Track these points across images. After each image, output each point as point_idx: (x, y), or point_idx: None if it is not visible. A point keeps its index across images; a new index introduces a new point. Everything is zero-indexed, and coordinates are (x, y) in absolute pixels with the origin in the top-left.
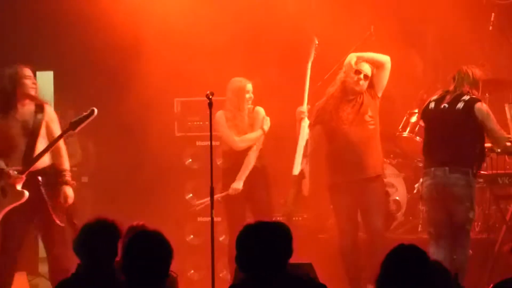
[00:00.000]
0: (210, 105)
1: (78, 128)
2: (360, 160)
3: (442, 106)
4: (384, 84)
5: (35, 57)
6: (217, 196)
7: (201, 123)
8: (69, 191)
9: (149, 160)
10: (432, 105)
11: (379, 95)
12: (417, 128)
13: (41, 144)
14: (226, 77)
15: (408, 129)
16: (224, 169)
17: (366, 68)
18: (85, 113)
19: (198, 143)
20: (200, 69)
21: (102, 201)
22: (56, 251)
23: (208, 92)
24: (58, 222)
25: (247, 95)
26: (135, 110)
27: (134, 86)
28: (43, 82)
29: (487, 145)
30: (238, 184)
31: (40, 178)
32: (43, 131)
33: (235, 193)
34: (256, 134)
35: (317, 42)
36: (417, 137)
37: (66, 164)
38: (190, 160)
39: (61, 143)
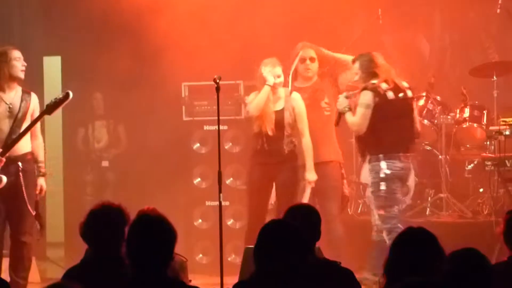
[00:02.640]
0: (218, 89)
1: (54, 112)
2: (314, 145)
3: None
4: (346, 82)
5: (43, 42)
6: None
7: (209, 107)
8: (43, 183)
9: (157, 145)
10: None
11: (341, 87)
12: (424, 112)
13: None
14: (234, 60)
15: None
16: (256, 150)
17: (308, 52)
18: (60, 97)
19: (206, 127)
20: (207, 53)
21: (108, 186)
22: (25, 239)
23: (215, 77)
24: (31, 210)
25: (278, 79)
26: (142, 95)
27: (142, 71)
28: (51, 68)
29: (494, 127)
30: (313, 175)
31: (20, 164)
32: (28, 117)
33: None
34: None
35: (301, 54)
36: (425, 120)
37: (42, 155)
38: (198, 144)
39: (39, 133)
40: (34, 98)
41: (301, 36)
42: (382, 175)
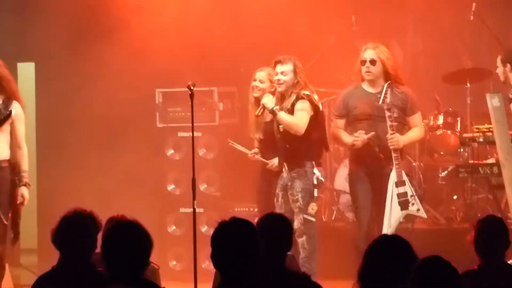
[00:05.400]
0: (192, 96)
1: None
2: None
3: None
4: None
5: (16, 48)
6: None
7: (183, 114)
8: (26, 192)
9: (130, 151)
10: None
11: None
12: None
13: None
14: (208, 67)
15: None
16: None
17: (369, 54)
18: (5, 114)
19: (180, 134)
20: (181, 60)
21: (83, 192)
22: None
23: (189, 83)
24: (3, 219)
25: (253, 83)
26: (116, 101)
27: (116, 77)
28: (25, 74)
29: (468, 135)
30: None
31: None
32: (7, 127)
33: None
34: None
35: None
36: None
37: (25, 165)
38: (172, 151)
39: (23, 143)
40: (15, 106)
41: (275, 43)
42: (315, 181)
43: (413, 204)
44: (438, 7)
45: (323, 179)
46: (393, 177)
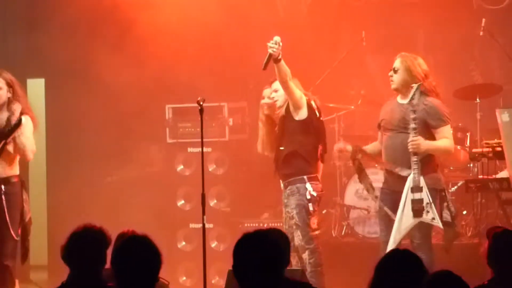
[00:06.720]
0: (201, 111)
1: (10, 137)
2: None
3: None
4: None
5: (26, 64)
6: None
7: (193, 129)
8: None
9: (140, 167)
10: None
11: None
12: None
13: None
14: (218, 83)
15: None
16: None
17: (395, 63)
18: (15, 122)
19: (190, 149)
20: (191, 76)
21: (93, 207)
22: (7, 262)
23: (199, 98)
24: (13, 234)
25: (262, 101)
26: (126, 117)
27: (126, 93)
28: (35, 90)
29: (477, 150)
30: None
31: (3, 187)
32: (10, 139)
33: None
34: None
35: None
36: None
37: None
38: (182, 166)
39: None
40: (23, 120)
41: (285, 59)
42: (308, 196)
43: (428, 212)
44: (448, 23)
45: (315, 194)
46: (409, 182)
